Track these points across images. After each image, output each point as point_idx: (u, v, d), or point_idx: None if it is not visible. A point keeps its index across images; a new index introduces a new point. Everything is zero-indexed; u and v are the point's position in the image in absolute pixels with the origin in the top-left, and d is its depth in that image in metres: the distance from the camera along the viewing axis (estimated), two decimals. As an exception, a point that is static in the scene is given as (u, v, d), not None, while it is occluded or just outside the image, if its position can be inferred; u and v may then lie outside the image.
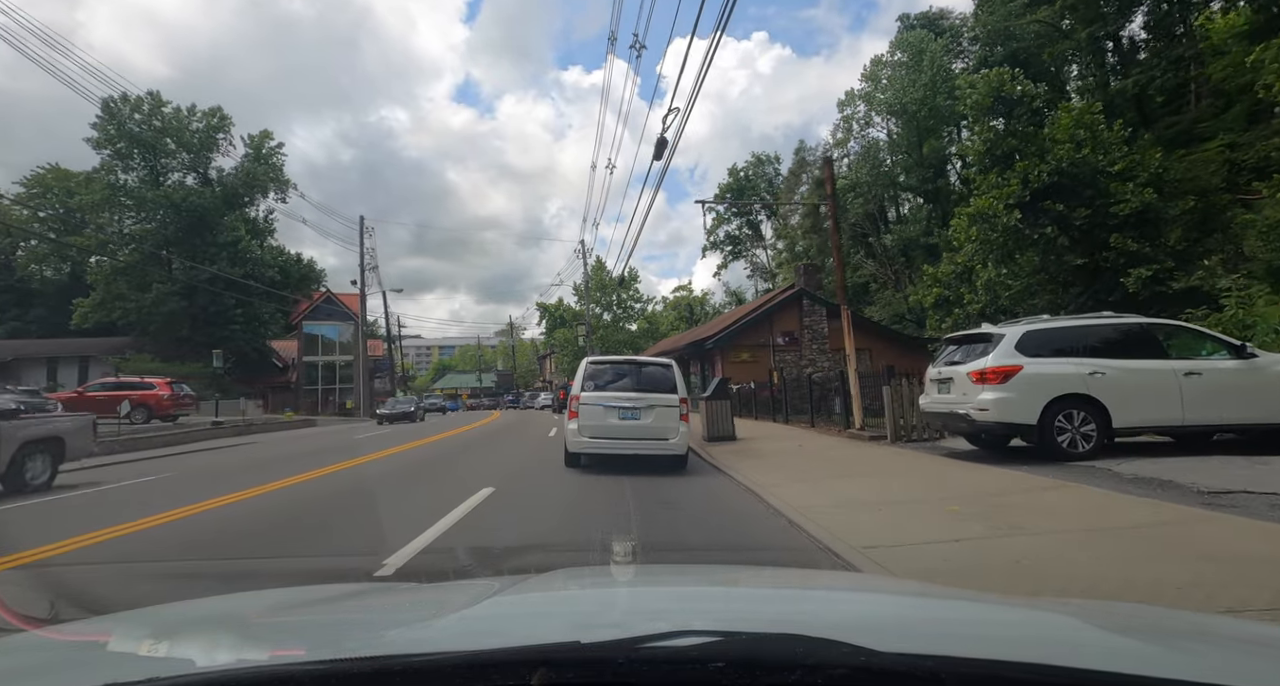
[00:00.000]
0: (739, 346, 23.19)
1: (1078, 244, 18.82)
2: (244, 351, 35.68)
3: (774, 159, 57.59)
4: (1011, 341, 7.60)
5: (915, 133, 33.73)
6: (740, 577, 2.20)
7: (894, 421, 10.49)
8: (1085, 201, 18.07)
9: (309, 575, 4.33)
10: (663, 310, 59.89)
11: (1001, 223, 18.51)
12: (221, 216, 35.74)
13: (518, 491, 7.59)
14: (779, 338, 22.97)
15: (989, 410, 7.42)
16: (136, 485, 8.94)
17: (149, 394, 18.37)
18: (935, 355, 9.55)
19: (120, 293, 33.05)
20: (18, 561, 4.72)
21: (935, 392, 8.65)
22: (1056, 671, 0.82)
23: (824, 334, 23.45)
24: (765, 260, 58.65)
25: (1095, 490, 5.80)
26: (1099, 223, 18.02)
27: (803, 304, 23.87)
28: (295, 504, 7.07)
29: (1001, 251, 19.14)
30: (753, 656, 0.81)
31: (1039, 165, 18.46)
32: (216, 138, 38.16)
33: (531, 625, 1.37)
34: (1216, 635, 1.28)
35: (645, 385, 9.00)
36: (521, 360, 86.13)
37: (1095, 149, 17.95)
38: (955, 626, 1.32)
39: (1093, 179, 18.07)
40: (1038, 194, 18.60)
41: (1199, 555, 3.78)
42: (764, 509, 6.13)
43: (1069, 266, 19.08)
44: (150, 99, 34.30)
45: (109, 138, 33.34)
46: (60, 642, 1.34)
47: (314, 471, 9.68)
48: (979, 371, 7.60)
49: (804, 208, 50.86)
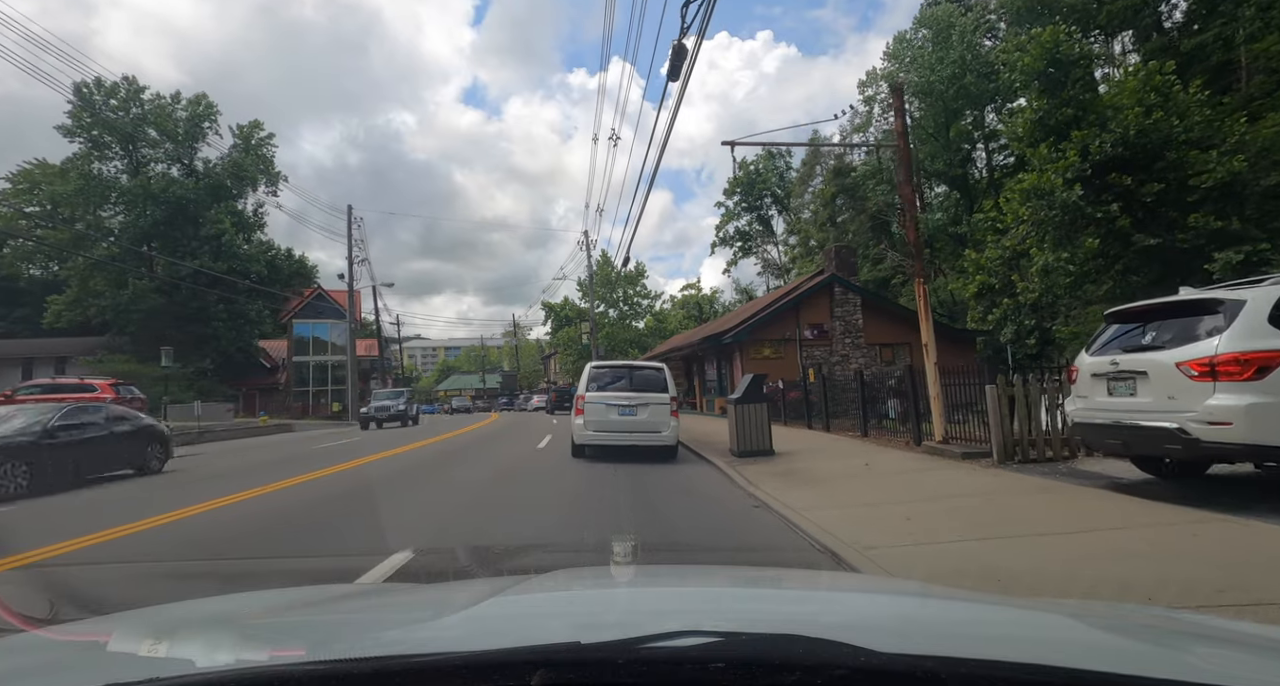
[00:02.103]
0: (761, 341, 20.61)
1: (1147, 222, 16.56)
2: (229, 351, 33.68)
3: (785, 153, 55.48)
4: (1262, 310, 4.83)
5: (942, 114, 31.43)
6: (741, 578, 2.20)
7: (1004, 434, 7.78)
8: (1157, 174, 15.83)
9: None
10: (670, 309, 57.88)
11: (1060, 199, 16.28)
12: (206, 209, 33.82)
13: (444, 568, 4.61)
14: (807, 331, 20.46)
15: (1234, 425, 4.70)
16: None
17: (88, 397, 16.36)
18: (1088, 340, 6.68)
19: (96, 289, 31.12)
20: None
21: (1102, 394, 5.83)
22: (1056, 671, 0.81)
23: (858, 326, 20.80)
24: (777, 256, 56.61)
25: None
26: (1174, 198, 15.78)
27: (834, 292, 21.08)
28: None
29: (1059, 232, 16.89)
30: (753, 657, 0.81)
31: (1100, 135, 16.24)
32: (202, 127, 36.32)
33: (531, 625, 1.35)
34: (1215, 635, 1.28)
35: (640, 386, 10.43)
36: (526, 360, 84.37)
37: (1169, 114, 15.69)
38: (955, 626, 1.32)
39: (1166, 148, 15.82)
40: (1099, 167, 16.38)
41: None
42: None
43: (1137, 248, 16.79)
44: (126, 84, 32.37)
45: (82, 125, 31.40)
46: (60, 642, 1.35)
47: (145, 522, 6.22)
48: (1205, 361, 4.90)
49: (818, 197, 48.70)
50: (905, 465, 8.28)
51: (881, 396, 11.68)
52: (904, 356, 18.43)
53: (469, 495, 7.73)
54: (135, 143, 33.36)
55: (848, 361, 19.08)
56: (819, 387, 14.61)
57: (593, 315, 34.45)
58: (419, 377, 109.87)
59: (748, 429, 9.75)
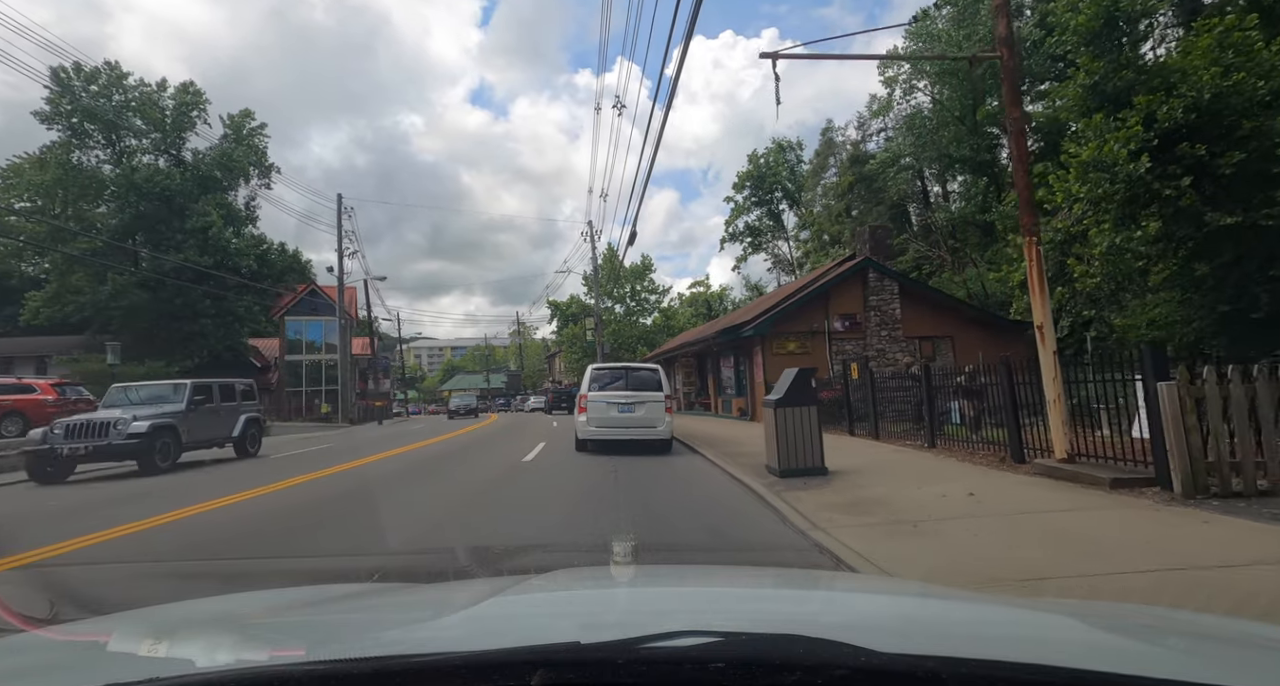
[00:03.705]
0: (785, 334, 18.27)
1: (1218, 199, 14.66)
2: (217, 350, 32.05)
3: (796, 146, 53.76)
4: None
5: (969, 96, 29.42)
6: (741, 578, 2.18)
7: (1187, 456, 5.49)
8: (1237, 143, 13.95)
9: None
10: (679, 307, 56.13)
11: (1124, 171, 14.41)
12: (193, 201, 32.22)
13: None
14: (837, 322, 18.19)
15: None
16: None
17: (26, 399, 14.74)
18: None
19: (77, 286, 29.56)
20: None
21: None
22: (1056, 671, 0.81)
23: (896, 316, 18.37)
24: (788, 252, 54.88)
25: None
26: (1256, 169, 13.89)
27: (868, 278, 18.56)
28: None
29: (1122, 209, 15.01)
30: (753, 657, 0.80)
31: (1169, 100, 14.37)
32: (190, 116, 34.76)
33: (531, 625, 1.34)
34: (1215, 635, 1.28)
35: (636, 385, 11.33)
36: (532, 359, 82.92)
37: (1251, 75, 13.80)
38: (955, 626, 1.31)
39: (1246, 114, 13.94)
40: (1167, 137, 14.51)
41: None
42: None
43: (1210, 228, 14.88)
44: (108, 70, 30.79)
45: (61, 112, 29.83)
46: (60, 642, 1.34)
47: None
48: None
49: (831, 190, 46.78)
50: (1026, 496, 6.01)
51: (944, 396, 9.80)
52: (946, 351, 16.54)
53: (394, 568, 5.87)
54: (119, 131, 31.78)
55: (884, 356, 17.06)
56: (864, 386, 12.39)
57: (598, 308, 32.69)
58: (423, 378, 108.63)
59: (792, 440, 7.60)
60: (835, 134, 47.65)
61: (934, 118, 31.13)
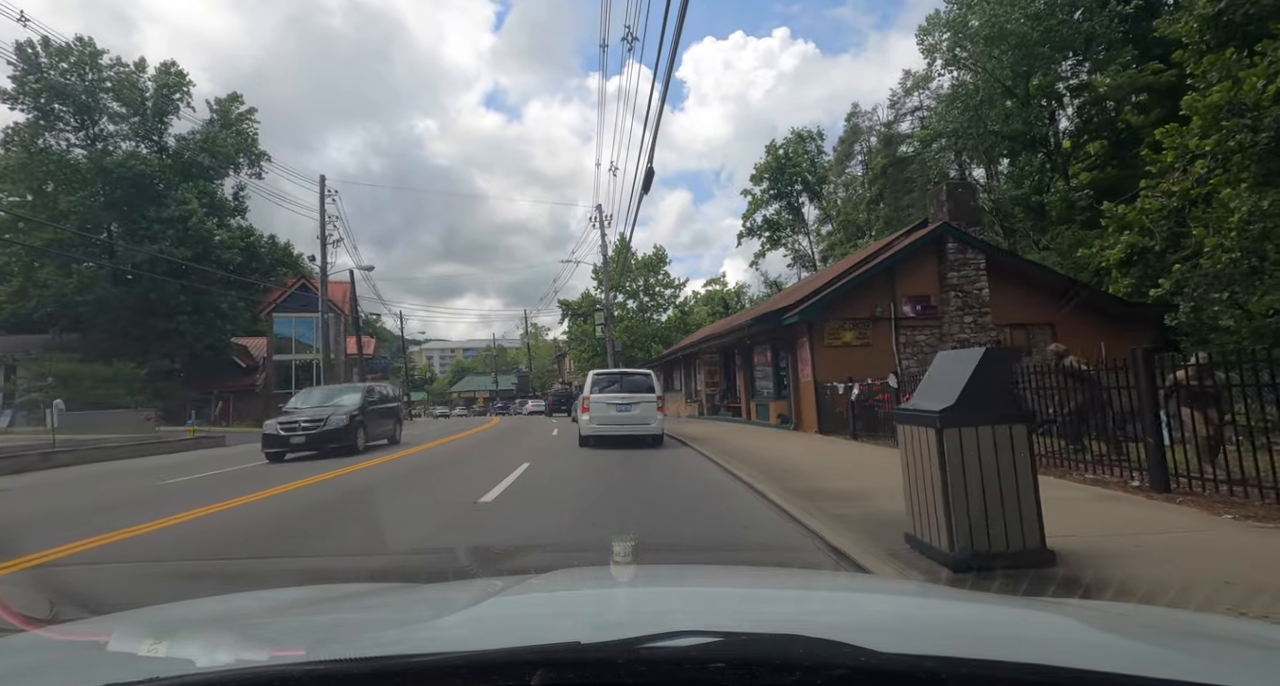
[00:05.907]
0: (839, 321, 14.82)
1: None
2: (196, 349, 29.56)
3: (817, 136, 50.71)
4: None
5: (1023, 62, 26.35)
6: (741, 578, 2.17)
7: None
8: None
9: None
10: (695, 305, 53.36)
11: (1271, 115, 11.46)
12: (173, 188, 29.81)
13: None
14: (905, 306, 14.85)
15: None
16: None
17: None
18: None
19: (43, 280, 27.18)
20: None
21: None
22: (1056, 671, 0.80)
23: (983, 298, 14.74)
24: (808, 247, 51.96)
25: None
26: None
27: (946, 250, 14.91)
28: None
29: (1262, 165, 12.02)
30: (752, 657, 0.80)
31: (1326, 25, 11.43)
32: (172, 99, 32.41)
33: (532, 625, 1.32)
34: (1215, 635, 1.26)
35: (631, 388, 12.86)
36: (543, 360, 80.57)
37: None
38: (955, 626, 1.29)
39: None
40: (1323, 72, 11.55)
41: None
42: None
43: (1381, 186, 11.86)
44: (80, 46, 28.42)
45: (26, 91, 27.49)
46: (60, 642, 1.34)
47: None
48: None
49: (858, 179, 43.84)
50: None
51: (1107, 407, 6.73)
52: (1044, 342, 13.51)
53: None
54: (92, 114, 29.41)
55: (967, 348, 13.88)
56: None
57: (608, 299, 29.91)
58: (433, 379, 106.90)
59: (977, 491, 3.64)
60: (862, 119, 44.59)
61: (981, 90, 28.13)
